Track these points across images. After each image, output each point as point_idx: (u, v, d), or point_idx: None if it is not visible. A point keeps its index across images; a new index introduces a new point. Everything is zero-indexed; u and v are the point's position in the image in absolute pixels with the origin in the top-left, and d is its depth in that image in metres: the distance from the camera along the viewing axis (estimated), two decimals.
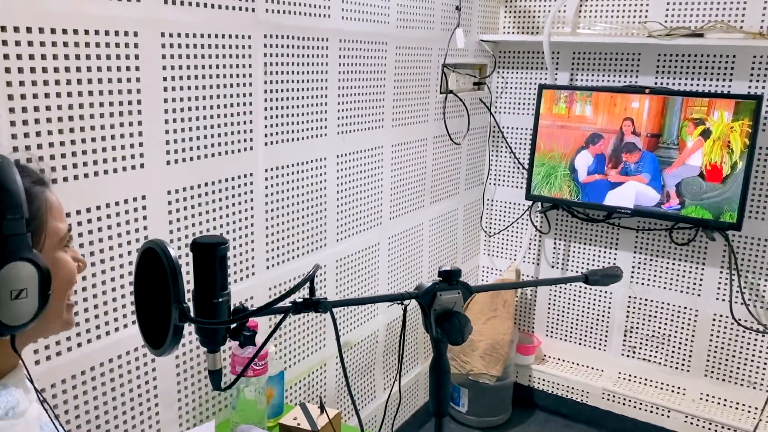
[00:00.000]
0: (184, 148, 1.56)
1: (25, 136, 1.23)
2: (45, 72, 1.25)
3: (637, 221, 2.84)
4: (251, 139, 1.76)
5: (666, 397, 2.87)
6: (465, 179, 3.02)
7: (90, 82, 1.33)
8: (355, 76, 2.15)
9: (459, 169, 2.95)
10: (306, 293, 1.02)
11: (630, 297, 2.92)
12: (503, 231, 3.22)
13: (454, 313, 1.14)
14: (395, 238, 2.53)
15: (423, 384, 2.88)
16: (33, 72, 1.23)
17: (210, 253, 0.92)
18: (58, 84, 1.28)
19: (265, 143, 1.81)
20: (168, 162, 1.53)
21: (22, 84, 1.22)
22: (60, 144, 1.30)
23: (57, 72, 1.27)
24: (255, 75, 1.74)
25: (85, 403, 1.42)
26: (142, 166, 1.46)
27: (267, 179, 1.84)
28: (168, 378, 1.62)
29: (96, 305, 1.42)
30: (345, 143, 2.14)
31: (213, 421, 1.68)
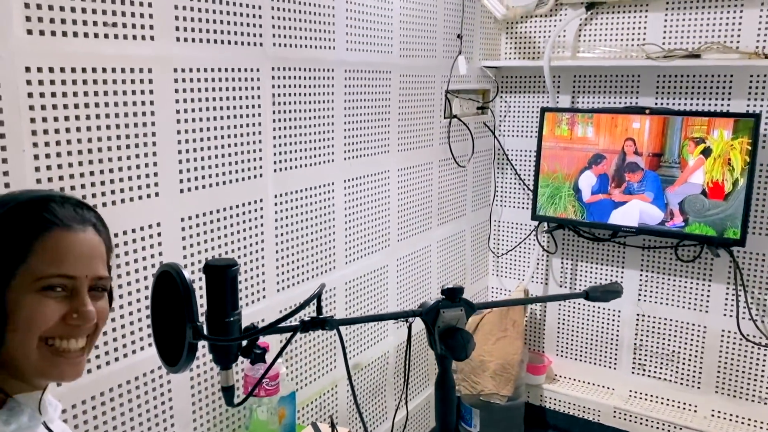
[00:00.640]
0: (196, 176, 1.64)
1: (48, 168, 1.31)
2: (66, 108, 1.33)
3: (643, 239, 2.88)
4: (261, 167, 1.83)
5: (678, 415, 2.87)
6: (471, 201, 3.08)
7: (107, 116, 1.41)
8: (361, 104, 2.23)
9: (465, 192, 3.01)
10: (314, 312, 1.07)
11: (638, 315, 2.94)
12: (511, 251, 3.26)
13: (457, 330, 1.18)
14: (403, 259, 2.58)
15: (434, 406, 2.89)
16: (54, 108, 1.31)
17: (221, 275, 0.99)
18: (78, 119, 1.35)
19: (275, 170, 1.88)
20: (181, 190, 1.60)
21: (44, 120, 1.30)
22: (80, 175, 1.37)
23: (77, 108, 1.35)
24: (264, 105, 1.82)
25: (104, 423, 1.47)
26: (156, 194, 1.54)
27: (276, 204, 1.90)
28: (183, 399, 1.67)
29: (114, 328, 1.48)
30: (352, 168, 2.21)
31: None
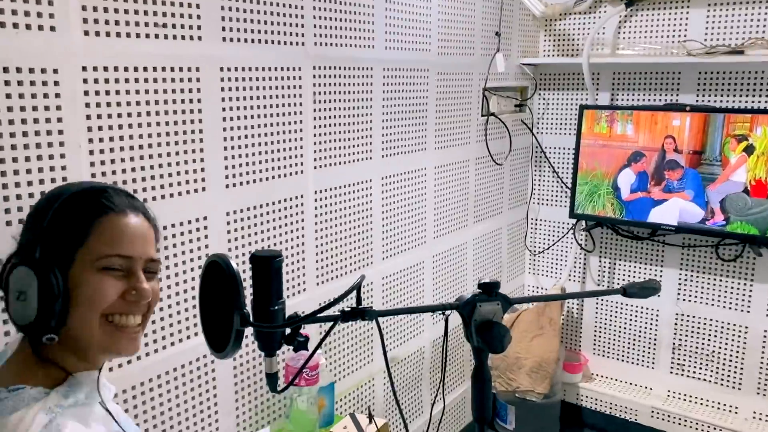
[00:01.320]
0: (241, 172, 1.69)
1: (101, 163, 1.38)
2: (119, 106, 1.39)
3: (682, 238, 2.84)
4: (302, 163, 1.88)
5: (717, 416, 2.83)
6: (508, 199, 3.08)
7: (158, 114, 1.47)
8: (399, 101, 2.26)
9: (502, 189, 3.02)
10: (353, 303, 1.11)
11: (677, 314, 2.91)
12: (548, 250, 3.25)
13: (493, 324, 1.20)
14: (440, 256, 2.61)
15: (469, 402, 2.91)
16: (108, 106, 1.38)
17: (267, 265, 1.03)
18: (129, 116, 1.42)
19: (315, 167, 1.93)
20: (227, 185, 1.66)
21: (99, 117, 1.36)
22: (131, 170, 1.44)
23: (129, 105, 1.41)
24: (305, 103, 1.87)
25: (152, 409, 1.54)
26: (203, 189, 1.60)
27: (316, 200, 1.95)
28: (227, 387, 1.73)
29: (162, 317, 1.54)
30: (389, 166, 2.25)
31: (267, 429, 1.77)
